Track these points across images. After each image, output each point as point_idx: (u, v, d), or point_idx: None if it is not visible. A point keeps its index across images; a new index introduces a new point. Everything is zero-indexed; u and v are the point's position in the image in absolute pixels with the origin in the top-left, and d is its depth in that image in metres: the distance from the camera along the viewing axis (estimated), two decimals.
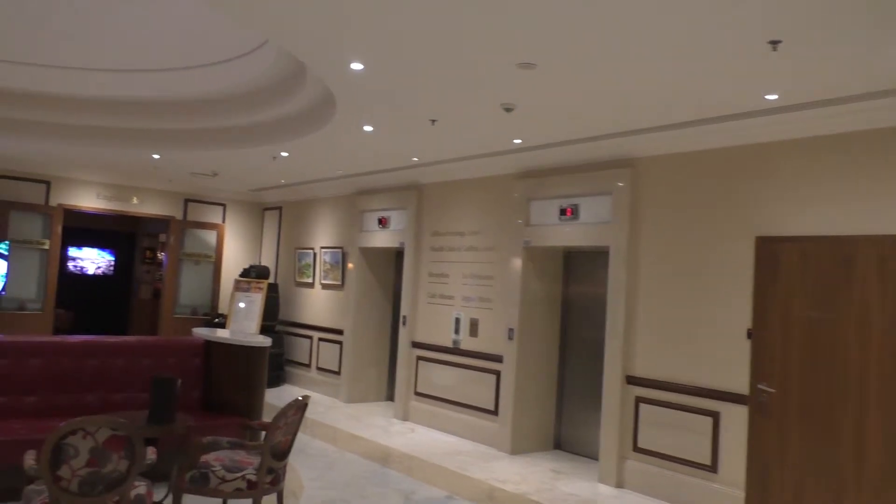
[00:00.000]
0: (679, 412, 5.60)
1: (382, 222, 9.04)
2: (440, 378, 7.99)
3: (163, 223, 12.97)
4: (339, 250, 9.83)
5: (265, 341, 5.87)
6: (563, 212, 6.72)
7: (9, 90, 7.41)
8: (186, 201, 11.24)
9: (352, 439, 7.28)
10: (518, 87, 4.70)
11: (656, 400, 5.80)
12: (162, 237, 14.42)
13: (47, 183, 10.03)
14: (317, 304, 10.30)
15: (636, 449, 5.92)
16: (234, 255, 11.64)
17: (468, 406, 7.61)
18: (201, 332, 6.37)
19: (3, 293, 9.14)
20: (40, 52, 6.62)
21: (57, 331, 10.13)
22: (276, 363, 10.10)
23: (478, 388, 7.50)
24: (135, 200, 10.72)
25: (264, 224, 11.90)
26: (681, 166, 5.78)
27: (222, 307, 11.31)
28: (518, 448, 7.03)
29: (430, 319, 8.23)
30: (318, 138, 6.85)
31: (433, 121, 5.75)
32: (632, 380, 5.99)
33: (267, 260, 11.48)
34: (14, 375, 5.06)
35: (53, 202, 10.07)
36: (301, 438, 6.56)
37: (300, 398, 4.09)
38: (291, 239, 11.06)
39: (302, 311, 10.59)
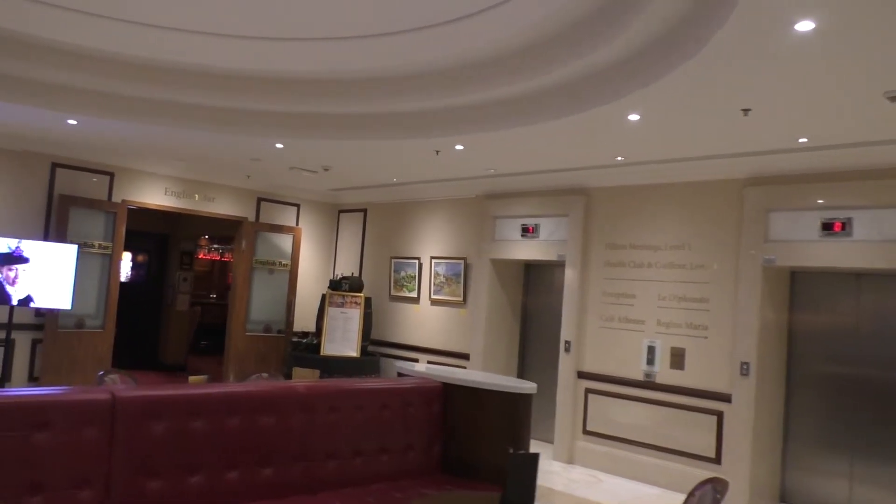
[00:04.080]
0: None
1: (529, 231, 7.80)
2: (624, 416, 6.81)
3: (199, 224, 11.43)
4: (461, 262, 8.52)
5: (530, 387, 4.58)
6: (827, 226, 5.65)
7: (87, 51, 5.75)
8: (260, 200, 9.71)
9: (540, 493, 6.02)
10: None
11: None
12: (202, 241, 12.78)
13: (111, 175, 8.37)
14: (424, 322, 8.95)
15: None
16: (310, 264, 10.15)
17: (671, 451, 6.45)
18: (410, 370, 5.03)
19: (70, 308, 7.45)
20: (142, 8, 5.11)
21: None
22: None
23: (688, 431, 6.35)
24: (196, 197, 9.13)
25: (339, 228, 10.45)
26: None
27: (299, 323, 9.81)
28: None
29: (606, 346, 7.04)
30: (533, 131, 5.59)
31: (746, 110, 4.58)
32: None
33: (344, 269, 10.04)
34: (180, 443, 3.41)
35: (117, 198, 8.41)
36: None
37: None
38: (383, 246, 9.66)
39: (402, 330, 9.22)
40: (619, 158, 6.43)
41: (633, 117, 5.03)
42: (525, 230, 7.82)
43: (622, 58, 4.49)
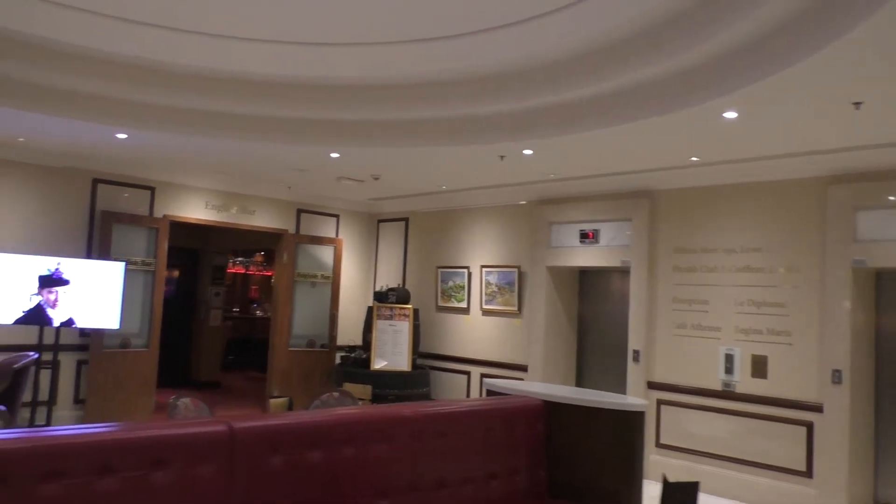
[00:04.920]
0: None
1: (589, 237, 7.53)
2: (702, 428, 6.52)
3: (229, 238, 11.19)
4: (514, 270, 8.24)
5: (640, 404, 4.30)
6: None
7: (137, 61, 5.49)
8: (299, 212, 9.45)
9: None
10: None
11: None
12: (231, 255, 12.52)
13: (151, 189, 8.12)
14: (476, 333, 8.67)
15: None
16: (351, 275, 9.89)
17: (757, 464, 6.16)
18: (503, 387, 4.76)
19: (118, 328, 7.18)
20: (194, 16, 4.87)
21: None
22: None
23: (774, 443, 6.06)
24: (234, 210, 8.87)
25: (379, 238, 10.18)
26: None
27: (342, 337, 9.54)
28: None
29: (678, 355, 6.76)
30: (614, 132, 5.33)
31: (857, 104, 4.32)
32: None
33: (386, 280, 9.77)
34: (297, 477, 3.06)
35: (158, 213, 8.16)
36: None
37: None
38: (428, 256, 9.40)
39: (451, 342, 8.94)
40: (694, 159, 6.17)
41: (730, 115, 4.77)
42: (584, 236, 7.56)
43: (729, 52, 4.23)
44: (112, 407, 7.49)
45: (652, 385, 6.90)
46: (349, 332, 9.63)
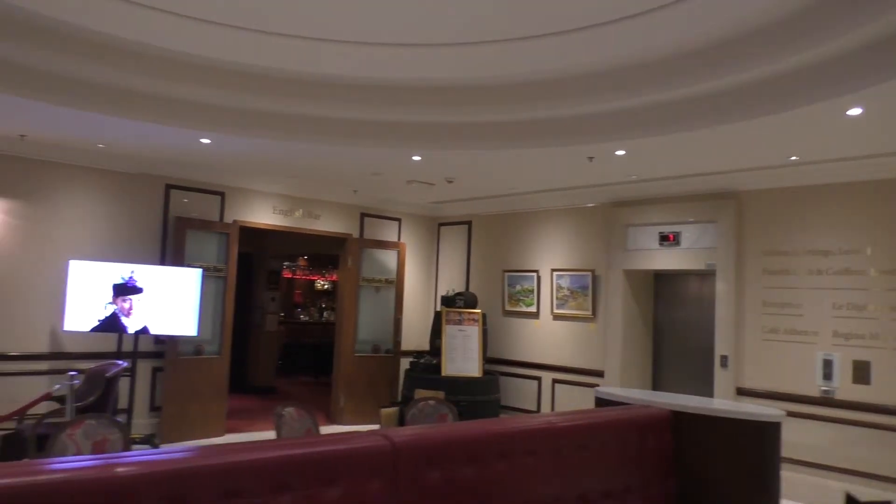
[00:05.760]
0: None
1: (669, 239, 7.35)
2: (799, 436, 6.30)
3: (284, 242, 11.11)
4: (588, 274, 8.08)
5: (777, 414, 4.12)
6: None
7: (222, 64, 5.43)
8: (363, 216, 9.36)
9: None
10: None
11: None
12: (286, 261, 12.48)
13: (221, 194, 8.07)
14: (547, 338, 8.52)
15: None
16: (413, 280, 9.78)
17: (863, 474, 5.94)
18: (618, 395, 4.60)
19: (195, 335, 7.12)
20: (278, 18, 4.77)
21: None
22: (490, 411, 8.21)
23: (881, 452, 5.84)
24: (297, 214, 8.79)
25: (440, 241, 10.07)
26: None
27: (406, 342, 9.43)
28: None
29: (770, 361, 6.55)
30: (719, 132, 5.16)
31: None
32: None
33: (448, 284, 9.65)
34: (451, 494, 2.95)
35: (228, 218, 8.11)
36: None
37: None
38: (493, 259, 9.26)
39: (520, 347, 8.79)
40: (794, 158, 5.97)
41: (855, 112, 4.58)
42: (664, 238, 7.38)
43: (861, 47, 4.06)
44: (187, 414, 7.44)
45: (742, 391, 6.70)
46: (413, 337, 9.53)
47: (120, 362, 6.02)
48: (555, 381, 8.34)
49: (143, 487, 2.24)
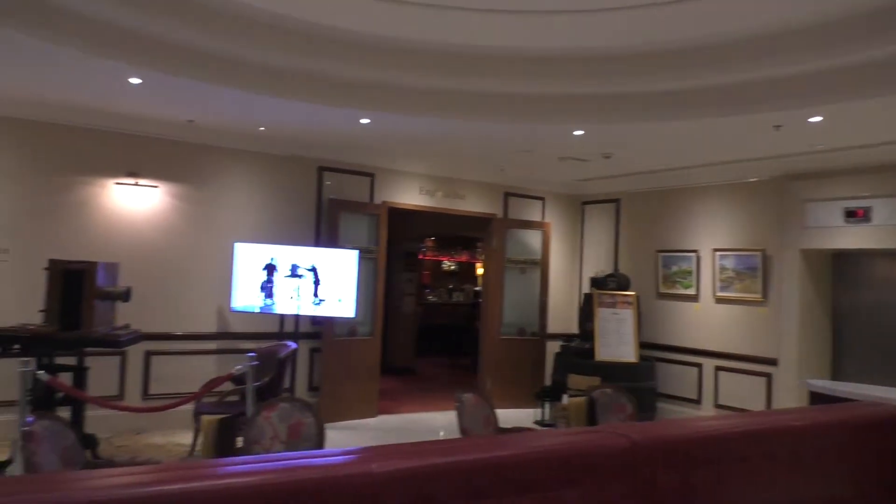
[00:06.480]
0: None
1: (857, 214, 6.63)
2: None
3: (418, 223, 11.02)
4: (758, 254, 7.46)
5: None
6: None
7: (380, 41, 5.28)
8: (507, 195, 9.13)
9: None
10: None
11: None
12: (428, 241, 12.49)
13: (371, 175, 8.07)
14: (708, 322, 7.98)
15: None
16: (557, 261, 9.46)
17: None
18: (832, 388, 4.13)
19: (354, 316, 7.16)
20: None
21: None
22: (646, 399, 7.76)
23: None
24: (439, 195, 8.64)
25: (585, 220, 9.67)
26: None
27: (552, 325, 9.16)
28: None
29: None
30: None
31: None
32: None
33: (595, 265, 9.26)
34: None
35: (377, 199, 8.10)
36: None
37: None
38: (645, 239, 8.78)
39: (676, 332, 8.30)
40: None
41: None
42: (851, 214, 6.66)
43: None
44: (343, 394, 7.52)
45: None
46: (558, 319, 9.24)
47: (290, 344, 6.11)
48: (717, 368, 7.80)
49: (396, 485, 2.09)
